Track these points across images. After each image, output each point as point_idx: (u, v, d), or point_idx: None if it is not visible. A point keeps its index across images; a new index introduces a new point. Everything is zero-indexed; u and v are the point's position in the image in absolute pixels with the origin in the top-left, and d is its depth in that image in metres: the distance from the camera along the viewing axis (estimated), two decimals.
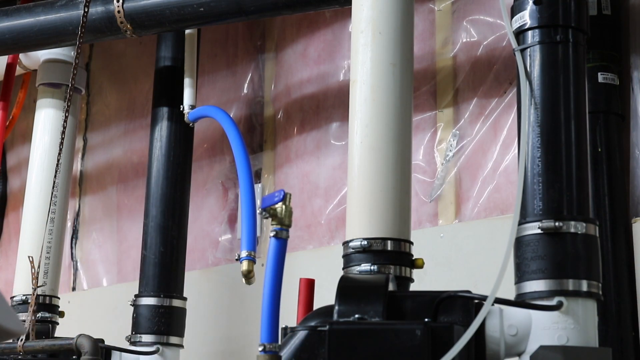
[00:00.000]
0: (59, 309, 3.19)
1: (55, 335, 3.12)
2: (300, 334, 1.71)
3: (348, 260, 1.95)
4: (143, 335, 2.89)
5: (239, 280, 2.40)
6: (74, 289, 3.91)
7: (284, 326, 1.73)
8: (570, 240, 1.77)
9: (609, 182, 2.41)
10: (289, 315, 1.87)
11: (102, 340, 2.74)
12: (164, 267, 2.96)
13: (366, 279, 1.84)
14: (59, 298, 3.20)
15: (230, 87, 3.49)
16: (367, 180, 1.97)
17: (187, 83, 3.02)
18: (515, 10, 1.94)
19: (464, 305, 1.71)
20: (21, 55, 3.45)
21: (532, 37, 1.90)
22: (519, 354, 1.75)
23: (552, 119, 1.84)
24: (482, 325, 1.71)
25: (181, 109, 3.00)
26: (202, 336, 3.28)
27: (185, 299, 2.97)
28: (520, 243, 1.80)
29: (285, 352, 1.69)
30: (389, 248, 1.93)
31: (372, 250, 1.92)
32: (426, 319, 1.64)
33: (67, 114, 2.83)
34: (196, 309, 3.15)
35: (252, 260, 2.38)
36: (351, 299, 1.70)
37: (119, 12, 2.85)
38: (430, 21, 2.93)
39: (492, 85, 2.78)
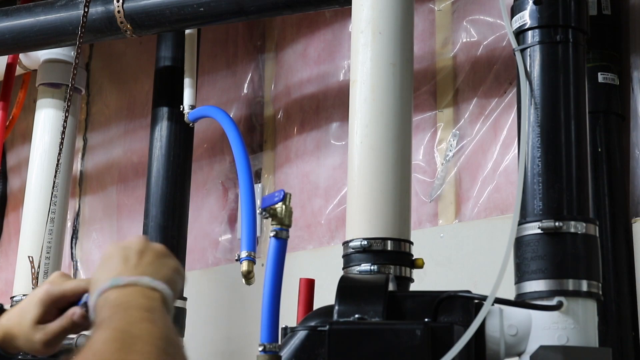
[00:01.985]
0: None
1: None
2: (300, 334, 1.71)
3: (348, 260, 1.95)
4: None
5: (239, 280, 2.39)
6: None
7: (284, 326, 1.73)
8: (570, 240, 1.77)
9: (609, 182, 2.41)
10: (289, 315, 1.87)
11: None
12: None
13: (366, 279, 1.84)
14: None
15: (230, 87, 3.49)
16: (367, 180, 1.97)
17: (187, 83, 3.02)
18: (515, 10, 1.94)
19: (464, 305, 1.71)
20: (21, 55, 3.45)
21: (532, 37, 1.90)
22: (519, 354, 1.75)
23: (552, 119, 1.84)
24: (482, 325, 1.71)
25: (181, 109, 3.00)
26: (202, 336, 3.28)
27: (185, 299, 2.97)
28: (520, 243, 1.80)
29: (285, 352, 1.69)
30: (389, 248, 1.93)
31: (372, 250, 1.92)
32: (426, 319, 1.64)
33: (67, 114, 2.83)
34: (196, 309, 3.15)
35: (252, 260, 2.38)
36: (351, 299, 1.70)
37: (119, 12, 2.85)
38: (430, 21, 2.94)
39: (492, 85, 2.78)
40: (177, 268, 1.14)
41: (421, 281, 2.10)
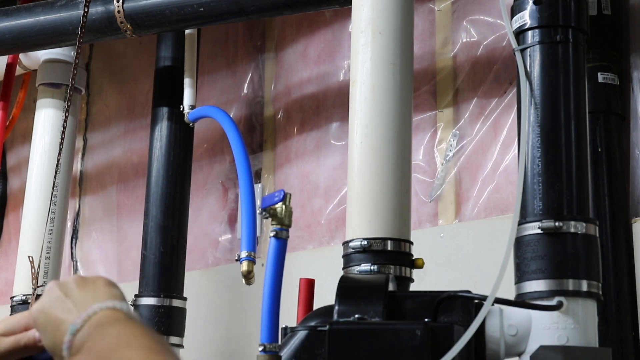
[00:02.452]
0: None
1: None
2: (300, 334, 1.72)
3: (348, 260, 1.95)
4: None
5: (239, 280, 2.39)
6: None
7: (284, 326, 1.73)
8: (570, 240, 1.77)
9: (609, 182, 2.41)
10: (289, 315, 1.87)
11: None
12: (164, 267, 2.96)
13: (366, 279, 1.84)
14: None
15: (230, 87, 3.49)
16: (367, 180, 1.97)
17: (187, 83, 3.01)
18: (515, 10, 1.94)
19: (464, 305, 1.71)
20: (21, 55, 3.45)
21: (532, 37, 1.90)
22: (519, 354, 1.75)
23: (552, 119, 1.84)
24: (482, 325, 1.71)
25: (181, 109, 3.00)
26: (202, 336, 3.28)
27: (185, 299, 2.97)
28: (520, 243, 1.80)
29: (285, 352, 1.69)
30: (389, 248, 1.93)
31: (372, 250, 1.92)
32: (426, 319, 1.64)
33: (67, 114, 2.83)
34: (196, 309, 3.15)
35: (252, 260, 2.38)
36: (351, 299, 1.70)
37: (119, 12, 2.85)
38: (430, 21, 2.93)
39: (492, 85, 2.78)
40: (111, 283, 1.13)
41: (421, 281, 2.10)
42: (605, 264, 2.25)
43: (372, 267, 1.91)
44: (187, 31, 3.06)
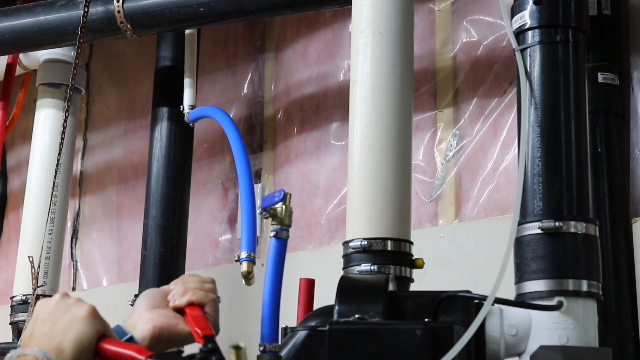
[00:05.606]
0: None
1: None
2: (300, 334, 1.71)
3: (348, 260, 1.95)
4: None
5: (239, 280, 2.39)
6: (74, 289, 3.90)
7: (284, 326, 1.73)
8: (570, 240, 1.77)
9: (609, 182, 2.41)
10: (289, 315, 1.87)
11: None
12: (164, 267, 2.96)
13: (366, 279, 1.84)
14: None
15: (230, 87, 3.49)
16: (367, 180, 1.97)
17: (187, 83, 3.02)
18: (515, 10, 1.94)
19: (464, 305, 1.71)
20: (21, 55, 3.45)
21: (532, 37, 1.89)
22: (519, 354, 1.75)
23: (552, 119, 1.84)
24: (482, 325, 1.71)
25: (181, 109, 3.00)
26: None
27: None
28: (520, 243, 1.79)
29: (285, 352, 1.69)
30: (389, 248, 1.93)
31: (372, 250, 1.92)
32: (426, 319, 1.64)
33: (67, 114, 2.83)
34: None
35: (251, 261, 2.38)
36: (351, 299, 1.70)
37: (119, 12, 2.85)
38: (430, 21, 2.94)
39: (492, 85, 2.78)
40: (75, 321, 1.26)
41: (421, 281, 2.10)
42: (605, 264, 2.25)
43: (372, 267, 1.91)
44: (187, 31, 3.06)
